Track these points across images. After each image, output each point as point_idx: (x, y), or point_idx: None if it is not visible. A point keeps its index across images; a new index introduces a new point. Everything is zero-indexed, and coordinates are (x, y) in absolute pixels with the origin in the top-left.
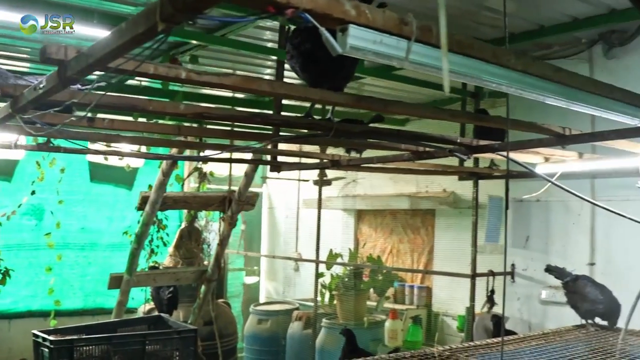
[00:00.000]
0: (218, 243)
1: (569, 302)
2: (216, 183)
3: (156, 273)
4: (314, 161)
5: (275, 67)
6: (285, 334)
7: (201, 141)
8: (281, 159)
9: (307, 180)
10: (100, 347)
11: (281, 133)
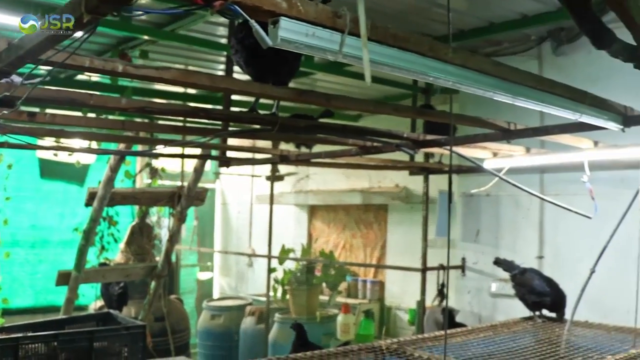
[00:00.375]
0: (168, 239)
1: (517, 295)
2: (169, 179)
3: (105, 269)
4: (264, 156)
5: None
6: (239, 329)
7: (152, 137)
8: (232, 154)
9: (260, 176)
10: (46, 345)
11: (231, 129)
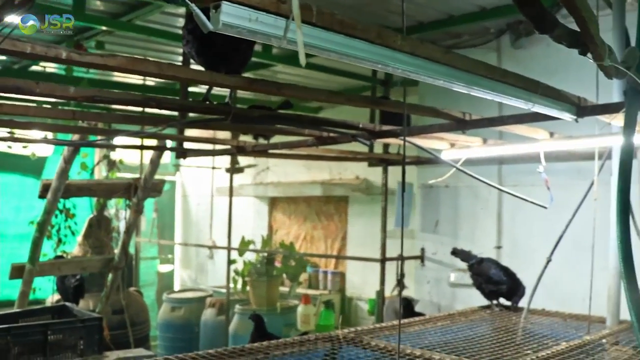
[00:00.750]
0: (125, 230)
1: (474, 284)
2: (129, 171)
3: (61, 262)
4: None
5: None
6: (199, 321)
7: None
8: (191, 146)
9: (220, 168)
10: None
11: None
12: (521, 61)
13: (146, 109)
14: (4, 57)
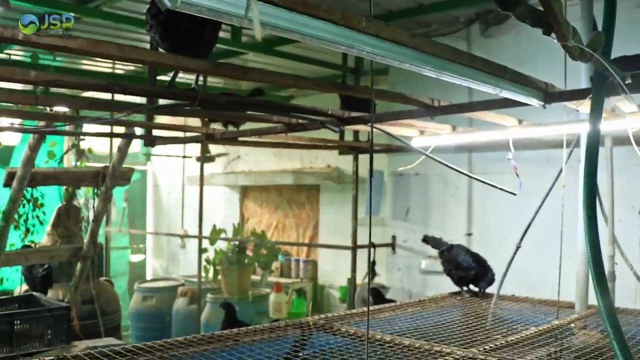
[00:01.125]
0: (93, 219)
1: (444, 271)
2: (98, 161)
3: (28, 251)
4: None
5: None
6: (171, 311)
7: (78, 114)
8: (160, 133)
9: (191, 157)
10: None
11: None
12: (490, 50)
13: (115, 97)
14: None
